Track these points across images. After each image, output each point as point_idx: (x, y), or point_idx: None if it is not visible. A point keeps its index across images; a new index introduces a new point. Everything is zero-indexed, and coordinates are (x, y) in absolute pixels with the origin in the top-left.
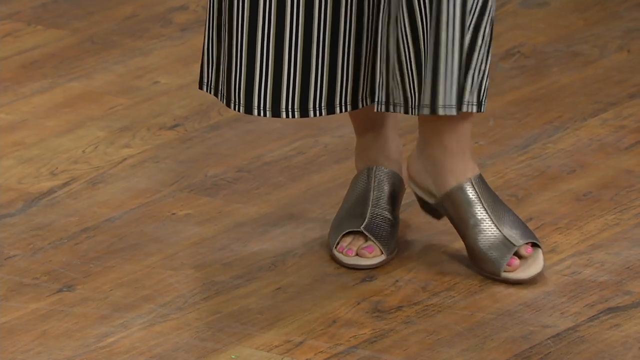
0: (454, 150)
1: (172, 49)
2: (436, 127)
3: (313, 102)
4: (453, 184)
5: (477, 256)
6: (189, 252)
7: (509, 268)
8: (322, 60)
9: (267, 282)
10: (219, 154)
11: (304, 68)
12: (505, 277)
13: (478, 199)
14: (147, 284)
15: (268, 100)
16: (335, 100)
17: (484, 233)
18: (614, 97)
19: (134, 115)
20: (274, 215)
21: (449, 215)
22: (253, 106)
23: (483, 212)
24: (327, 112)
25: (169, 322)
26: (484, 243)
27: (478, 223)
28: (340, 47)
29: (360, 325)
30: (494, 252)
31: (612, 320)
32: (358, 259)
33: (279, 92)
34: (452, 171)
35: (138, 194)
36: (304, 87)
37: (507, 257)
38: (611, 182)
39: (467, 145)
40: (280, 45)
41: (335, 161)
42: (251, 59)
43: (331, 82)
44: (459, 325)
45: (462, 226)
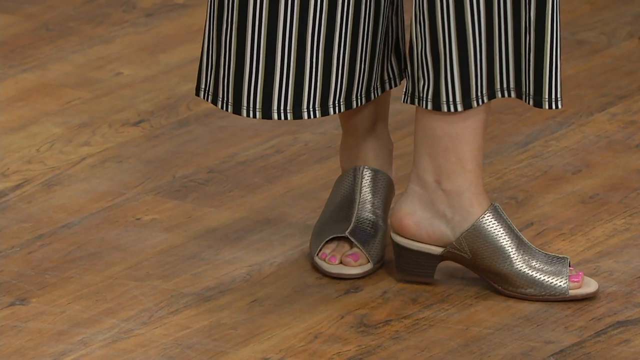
0: (476, 175)
1: (136, 36)
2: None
3: (307, 103)
4: (479, 213)
5: (528, 282)
6: (155, 261)
7: (575, 285)
8: (317, 60)
9: (241, 294)
10: (189, 152)
11: (298, 68)
12: (574, 294)
13: (507, 224)
14: (108, 297)
15: (258, 100)
16: (329, 100)
17: (528, 256)
18: (623, 90)
19: (94, 110)
20: (249, 220)
21: (474, 252)
22: (242, 106)
23: (520, 236)
24: (321, 113)
25: (133, 338)
26: (533, 266)
27: (519, 247)
28: (335, 46)
29: (344, 341)
30: (547, 273)
31: (621, 335)
32: (342, 268)
33: (270, 93)
34: (477, 201)
35: (99, 197)
36: (297, 88)
37: (565, 273)
38: (620, 183)
39: (481, 167)
40: (272, 45)
41: (316, 160)
42: (240, 59)
43: (325, 82)
44: (452, 341)
45: (500, 256)
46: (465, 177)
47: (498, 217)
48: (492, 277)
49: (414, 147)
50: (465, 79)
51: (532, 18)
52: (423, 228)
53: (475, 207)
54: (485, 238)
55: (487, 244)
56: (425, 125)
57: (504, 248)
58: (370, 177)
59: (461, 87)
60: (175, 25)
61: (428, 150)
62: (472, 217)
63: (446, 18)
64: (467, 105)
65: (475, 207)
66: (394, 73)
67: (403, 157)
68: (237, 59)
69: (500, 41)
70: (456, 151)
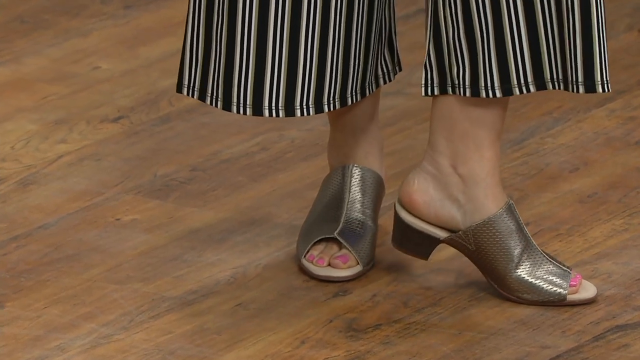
0: (493, 164)
1: (115, 29)
2: (472, 136)
3: (300, 100)
4: (494, 209)
5: (528, 287)
6: (135, 263)
7: (573, 289)
8: (310, 55)
9: (225, 298)
10: (170, 150)
11: (290, 63)
12: (572, 299)
13: (519, 224)
14: (87, 300)
15: (249, 97)
16: (324, 97)
17: (532, 260)
18: (622, 84)
19: (71, 106)
20: (234, 221)
21: (479, 247)
22: (232, 102)
23: (526, 239)
24: (315, 110)
25: (112, 344)
26: (535, 271)
27: (524, 250)
28: (329, 40)
29: (332, 347)
30: (549, 279)
31: (620, 339)
32: (330, 270)
33: (261, 90)
34: (493, 193)
35: (76, 197)
36: (290, 84)
37: (567, 279)
38: (619, 181)
39: (499, 158)
40: (264, 39)
41: (303, 158)
42: (230, 53)
43: (320, 77)
44: (445, 346)
45: (503, 257)
46: (482, 164)
47: (511, 216)
48: (490, 274)
49: (429, 129)
50: (503, 63)
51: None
52: (432, 208)
53: (489, 199)
54: (494, 235)
55: (494, 241)
56: (444, 107)
57: (509, 249)
58: (359, 176)
59: (499, 71)
60: (155, 17)
61: (445, 133)
62: (485, 210)
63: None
64: (506, 92)
65: (489, 200)
66: (388, 68)
67: (394, 155)
68: (228, 53)
69: (545, 24)
70: (475, 136)
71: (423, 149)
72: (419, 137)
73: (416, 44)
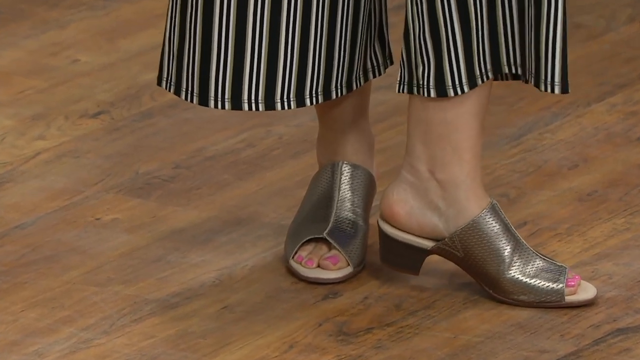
0: (472, 166)
1: (94, 20)
2: (449, 140)
3: (281, 93)
4: (477, 210)
5: (521, 288)
6: (116, 265)
7: (570, 290)
8: (292, 45)
9: (210, 300)
10: (152, 146)
11: (270, 54)
12: (571, 300)
13: (505, 223)
14: (66, 304)
15: (227, 90)
16: (306, 90)
17: (524, 260)
18: (623, 78)
19: (49, 101)
20: (219, 220)
21: (467, 252)
22: (209, 97)
23: (515, 238)
24: (297, 104)
25: (92, 348)
26: (527, 271)
27: (515, 250)
28: (312, 30)
29: (322, 351)
30: (543, 278)
31: (621, 343)
32: (320, 272)
33: (240, 82)
34: (475, 194)
35: (55, 196)
36: (270, 76)
37: (563, 278)
38: (620, 179)
39: (479, 159)
40: (242, 28)
41: (291, 155)
42: (206, 44)
43: (301, 69)
44: (439, 351)
45: (493, 259)
46: (461, 167)
47: (495, 216)
48: (483, 279)
49: (407, 133)
50: (469, 59)
51: None
52: (414, 218)
53: (471, 202)
54: (480, 238)
55: (481, 244)
56: (418, 110)
57: (499, 251)
58: (349, 174)
59: (466, 67)
60: (136, 8)
61: (421, 137)
62: (467, 213)
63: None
64: (472, 85)
65: (471, 202)
66: (378, 61)
67: (385, 152)
68: (203, 44)
69: (504, 14)
70: (451, 139)
71: None
72: None
73: None
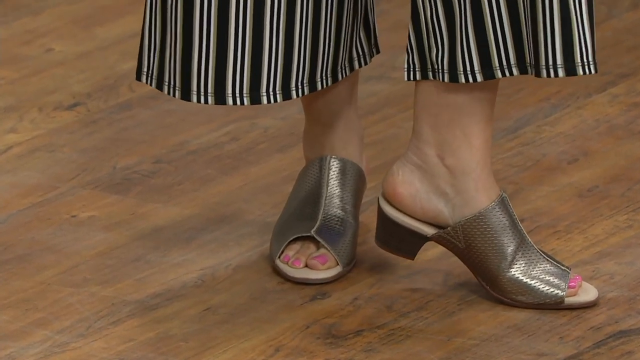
0: (483, 155)
1: (69, 7)
2: (460, 125)
3: (266, 87)
4: (485, 202)
5: (521, 288)
6: (93, 265)
7: (572, 291)
8: (277, 38)
9: (192, 302)
10: (131, 140)
11: (255, 47)
12: (571, 302)
13: (513, 219)
14: (40, 305)
15: (210, 84)
16: (292, 82)
17: (527, 259)
18: (625, 67)
19: (22, 92)
20: (201, 218)
21: (469, 244)
22: (191, 91)
23: (520, 235)
24: (283, 97)
25: (68, 352)
26: (530, 271)
27: (518, 248)
28: (297, 19)
29: (310, 355)
30: (545, 279)
31: (623, 346)
32: (307, 272)
33: (223, 76)
34: (484, 185)
35: (28, 192)
36: (254, 69)
37: (566, 280)
38: (622, 173)
39: (489, 149)
40: (225, 20)
41: (277, 149)
42: (187, 36)
43: (287, 60)
44: (432, 354)
45: (498, 255)
46: (472, 153)
47: (503, 211)
48: (482, 274)
49: (413, 116)
50: (483, 45)
51: None
52: (418, 202)
53: (480, 192)
54: (485, 231)
55: (484, 238)
56: (428, 94)
57: (502, 247)
58: (338, 169)
59: (479, 53)
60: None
61: (430, 120)
62: (475, 204)
63: None
64: (488, 76)
65: (480, 193)
66: (364, 49)
67: (376, 145)
68: (184, 36)
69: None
70: (462, 124)
71: (408, 138)
72: (403, 125)
73: (400, 23)
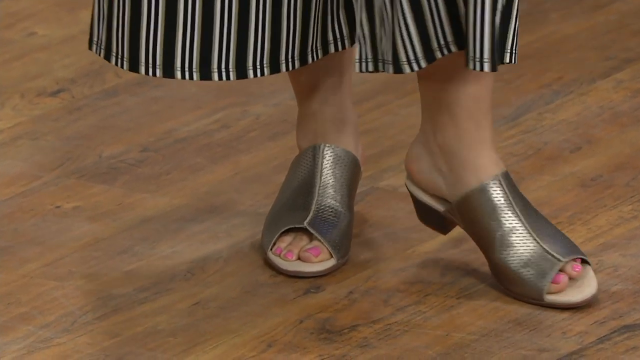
0: (472, 136)
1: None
2: (444, 104)
3: (253, 60)
4: (474, 183)
5: (508, 277)
6: (78, 257)
7: (555, 287)
8: (264, 8)
9: (181, 296)
10: (118, 127)
11: (241, 17)
12: (551, 300)
13: (508, 202)
14: (23, 299)
15: (195, 59)
16: (281, 55)
17: (516, 246)
18: (631, 52)
19: (3, 78)
20: (191, 208)
21: (465, 225)
22: (175, 67)
23: (515, 220)
24: (271, 70)
25: (52, 348)
26: (517, 259)
27: (508, 234)
28: None
29: (303, 350)
30: (532, 270)
31: (627, 341)
32: (300, 265)
33: (209, 50)
34: (472, 166)
35: (10, 181)
36: (241, 42)
37: (550, 274)
38: (627, 162)
39: (489, 129)
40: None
41: (269, 137)
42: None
43: (275, 33)
44: (430, 349)
45: (485, 239)
46: (457, 134)
47: (496, 193)
48: (484, 255)
49: None
50: (423, 31)
51: None
52: (424, 177)
53: (469, 173)
54: (474, 214)
55: (474, 220)
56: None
57: (490, 232)
58: (332, 157)
59: (421, 41)
60: None
61: (423, 99)
62: (462, 184)
63: None
64: (430, 59)
65: (469, 174)
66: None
67: (371, 133)
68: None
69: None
70: (446, 102)
71: (405, 125)
72: (400, 112)
73: None
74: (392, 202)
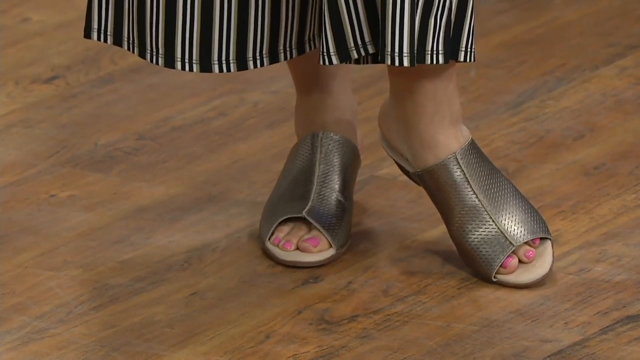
0: (430, 115)
1: None
2: (406, 82)
3: (253, 50)
4: (431, 161)
5: (463, 252)
6: (74, 247)
7: (504, 270)
8: None
9: (178, 286)
10: (113, 115)
11: (241, 8)
12: (500, 280)
13: (465, 180)
14: (17, 290)
15: (195, 51)
16: (279, 45)
17: (473, 223)
18: (634, 38)
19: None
20: (188, 197)
21: (430, 193)
22: (176, 58)
23: (473, 198)
24: (270, 60)
25: (48, 339)
26: (473, 236)
27: (466, 211)
28: None
29: (302, 341)
30: (484, 251)
31: (630, 332)
32: (299, 255)
33: (209, 42)
34: (429, 143)
35: (4, 170)
36: (241, 32)
37: (500, 258)
38: (630, 150)
39: (447, 108)
40: None
41: (267, 125)
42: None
43: (274, 23)
44: (431, 340)
45: (444, 213)
46: (415, 110)
47: (452, 171)
48: None
49: None
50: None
51: None
52: (392, 137)
53: (426, 150)
54: (430, 188)
55: (434, 193)
56: None
57: (450, 207)
58: (331, 146)
59: (334, 37)
60: None
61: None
62: (422, 160)
63: None
64: (344, 57)
65: (426, 151)
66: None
67: (371, 121)
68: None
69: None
70: (403, 77)
71: None
72: None
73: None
74: (392, 191)
